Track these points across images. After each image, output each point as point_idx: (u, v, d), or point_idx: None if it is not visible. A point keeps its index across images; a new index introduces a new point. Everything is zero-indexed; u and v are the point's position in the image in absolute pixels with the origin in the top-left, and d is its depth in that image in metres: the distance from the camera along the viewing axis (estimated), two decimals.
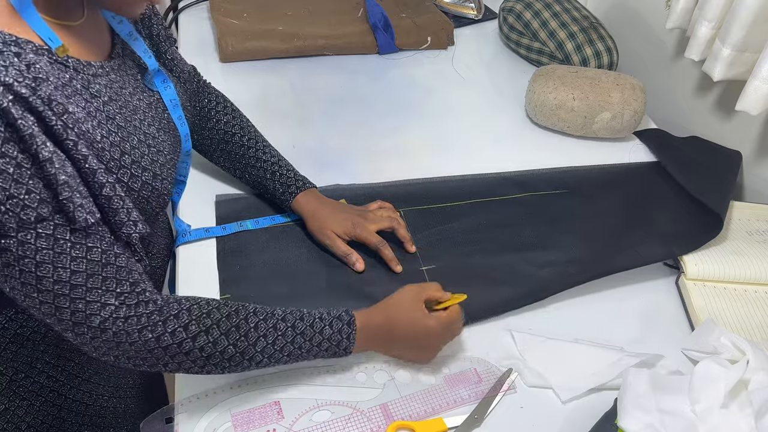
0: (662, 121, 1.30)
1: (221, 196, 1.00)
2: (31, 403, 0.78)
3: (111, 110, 0.67)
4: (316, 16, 1.43)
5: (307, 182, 0.95)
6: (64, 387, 0.80)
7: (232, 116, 0.97)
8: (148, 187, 0.70)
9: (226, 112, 0.97)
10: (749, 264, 0.94)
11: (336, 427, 0.73)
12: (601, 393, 0.78)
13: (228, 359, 0.67)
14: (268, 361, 0.70)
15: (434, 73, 1.37)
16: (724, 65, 1.05)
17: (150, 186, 0.70)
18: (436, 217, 1.00)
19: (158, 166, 0.72)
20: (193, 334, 0.65)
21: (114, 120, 0.67)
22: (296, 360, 0.72)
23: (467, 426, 0.74)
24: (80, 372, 0.82)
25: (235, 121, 0.97)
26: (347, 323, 0.73)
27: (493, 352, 0.82)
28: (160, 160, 0.73)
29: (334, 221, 0.90)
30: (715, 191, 1.05)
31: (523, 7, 1.40)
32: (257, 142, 0.96)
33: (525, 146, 1.19)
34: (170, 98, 0.80)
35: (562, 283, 0.90)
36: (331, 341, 0.72)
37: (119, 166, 0.66)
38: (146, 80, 0.77)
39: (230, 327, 0.67)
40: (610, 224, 1.02)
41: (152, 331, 0.63)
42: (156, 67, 0.77)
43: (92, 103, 0.64)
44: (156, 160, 0.72)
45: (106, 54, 0.72)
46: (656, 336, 0.87)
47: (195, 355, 0.66)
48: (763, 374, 0.69)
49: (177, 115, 0.81)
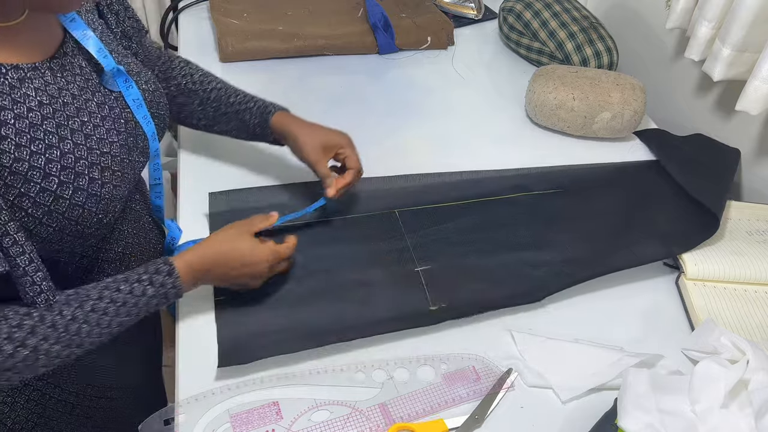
0: (662, 121, 1.30)
1: (215, 193, 1.00)
2: (15, 400, 0.78)
3: (37, 116, 0.65)
4: (316, 16, 1.43)
5: (279, 106, 0.96)
6: (48, 386, 0.80)
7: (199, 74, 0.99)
8: (83, 193, 0.68)
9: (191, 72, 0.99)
10: (749, 264, 0.94)
11: (335, 426, 0.73)
12: (601, 393, 0.78)
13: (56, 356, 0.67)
14: (101, 338, 0.70)
15: (434, 73, 1.37)
16: (724, 65, 1.05)
17: (85, 192, 0.68)
18: (432, 217, 1.00)
19: (99, 170, 0.70)
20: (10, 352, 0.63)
21: (40, 126, 0.65)
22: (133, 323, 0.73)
23: (468, 426, 0.73)
24: (63, 371, 0.81)
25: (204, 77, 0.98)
26: (167, 273, 0.73)
27: (493, 351, 0.82)
28: (105, 163, 0.71)
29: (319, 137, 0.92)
30: (713, 190, 1.05)
31: (523, 7, 1.40)
32: (227, 89, 0.98)
33: (525, 146, 1.19)
34: (133, 98, 0.78)
35: (559, 283, 0.90)
36: (158, 297, 0.73)
37: (43, 175, 0.64)
38: (104, 80, 0.76)
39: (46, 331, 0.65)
40: (606, 223, 1.02)
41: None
42: (113, 66, 0.75)
43: (11, 110, 0.63)
44: (96, 164, 0.70)
45: (49, 53, 0.70)
46: (656, 336, 0.86)
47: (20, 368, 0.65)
48: (763, 374, 0.69)
49: (142, 115, 0.79)
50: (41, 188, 0.64)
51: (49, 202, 0.65)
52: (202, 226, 0.95)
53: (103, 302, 0.69)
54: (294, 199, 1.01)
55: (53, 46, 0.71)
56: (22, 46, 0.66)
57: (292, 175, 1.04)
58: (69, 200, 0.67)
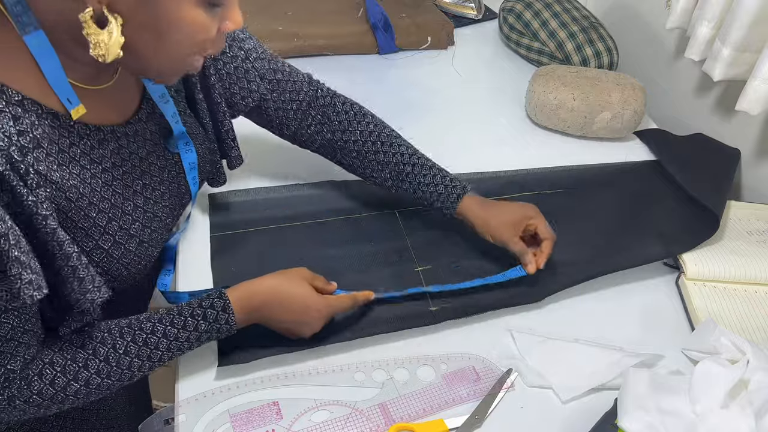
0: (662, 121, 1.30)
1: (215, 195, 1.00)
2: None
3: (110, 177, 0.67)
4: (316, 16, 1.43)
5: (464, 185, 0.91)
6: None
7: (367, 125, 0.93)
8: (130, 255, 0.70)
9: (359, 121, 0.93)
10: (749, 264, 0.94)
11: (335, 427, 0.73)
12: (601, 393, 0.78)
13: (104, 389, 0.67)
14: (147, 372, 0.70)
15: (434, 73, 1.37)
16: (724, 65, 1.05)
17: (132, 253, 0.70)
18: (432, 217, 1.00)
19: (148, 233, 0.72)
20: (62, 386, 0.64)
21: (110, 186, 0.67)
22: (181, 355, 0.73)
23: (468, 426, 0.73)
24: None
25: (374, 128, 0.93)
26: (222, 309, 0.72)
27: (493, 352, 0.82)
28: (153, 226, 0.73)
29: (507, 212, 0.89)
30: (714, 190, 1.04)
31: (523, 7, 1.40)
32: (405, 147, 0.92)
33: (525, 146, 1.19)
34: (189, 161, 0.80)
35: (559, 283, 0.90)
36: (211, 332, 0.72)
37: (102, 233, 0.66)
38: (169, 143, 0.78)
39: (99, 365, 0.66)
40: (606, 223, 1.02)
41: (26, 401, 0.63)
42: (182, 131, 0.77)
43: (89, 170, 0.64)
44: (147, 226, 0.72)
45: (128, 115, 0.72)
46: (656, 336, 0.86)
47: (72, 401, 0.66)
48: (763, 374, 0.69)
49: (191, 176, 0.81)
50: (96, 245, 0.66)
51: (98, 258, 0.67)
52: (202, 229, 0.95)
53: (155, 336, 0.69)
54: (296, 200, 1.01)
55: (131, 110, 0.73)
56: (107, 108, 0.68)
57: (296, 175, 1.04)
58: (117, 260, 0.69)
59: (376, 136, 0.92)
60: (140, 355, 0.68)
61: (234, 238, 0.93)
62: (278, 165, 1.04)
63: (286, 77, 0.90)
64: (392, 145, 0.92)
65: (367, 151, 0.92)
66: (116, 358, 0.67)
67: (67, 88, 0.61)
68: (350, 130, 0.92)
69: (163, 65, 0.63)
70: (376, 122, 0.94)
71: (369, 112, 0.95)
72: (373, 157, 0.92)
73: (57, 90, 0.60)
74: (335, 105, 0.93)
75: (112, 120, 0.69)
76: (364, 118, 0.93)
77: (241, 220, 0.96)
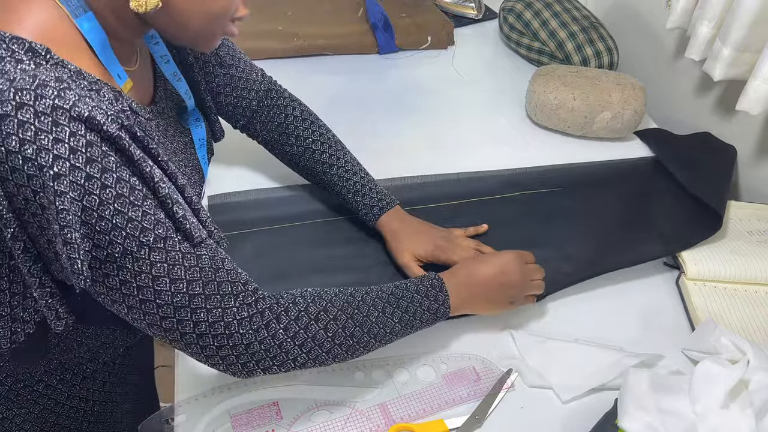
0: (662, 120, 1.30)
1: (214, 197, 1.00)
2: (29, 411, 0.77)
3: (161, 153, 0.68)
4: (316, 16, 1.43)
5: (389, 200, 0.93)
6: (62, 395, 0.80)
7: (311, 129, 0.95)
8: None
9: (304, 125, 0.95)
10: (749, 264, 0.94)
11: (335, 427, 0.73)
12: (601, 393, 0.78)
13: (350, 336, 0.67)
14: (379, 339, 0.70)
15: (434, 73, 1.37)
16: (724, 65, 1.05)
17: None
18: (432, 216, 0.99)
19: None
20: (314, 315, 0.65)
21: None
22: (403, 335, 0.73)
23: (468, 426, 0.73)
24: (75, 379, 0.81)
25: (314, 135, 0.95)
26: (440, 289, 0.75)
27: (494, 351, 0.82)
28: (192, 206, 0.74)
29: (414, 243, 0.89)
30: (715, 188, 1.04)
31: (523, 6, 1.40)
32: (339, 158, 0.94)
33: (525, 146, 1.19)
34: (199, 137, 0.81)
35: (559, 283, 0.89)
36: (430, 312, 0.74)
37: None
38: (183, 120, 0.79)
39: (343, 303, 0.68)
40: (606, 222, 1.02)
41: (278, 321, 0.63)
42: (194, 106, 0.78)
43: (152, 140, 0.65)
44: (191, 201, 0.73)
45: (149, 98, 0.73)
46: (656, 336, 0.86)
47: (321, 338, 0.65)
48: (763, 374, 0.69)
49: (201, 155, 0.82)
50: None
51: None
52: None
53: (384, 293, 0.71)
54: (296, 200, 1.01)
55: (151, 91, 0.74)
56: (139, 89, 0.70)
57: (295, 175, 1.04)
58: None
59: (312, 140, 0.94)
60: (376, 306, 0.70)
61: (233, 239, 0.93)
62: (278, 165, 1.04)
63: (240, 73, 0.91)
64: (330, 151, 0.94)
65: (305, 149, 0.94)
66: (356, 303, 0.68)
67: (117, 65, 0.62)
68: (289, 132, 0.95)
69: (204, 25, 0.64)
70: (317, 127, 0.96)
71: (316, 117, 0.97)
72: (310, 156, 0.94)
73: (109, 67, 0.62)
74: (283, 107, 0.96)
75: (144, 101, 0.71)
76: (307, 123, 0.95)
77: (240, 220, 0.96)
